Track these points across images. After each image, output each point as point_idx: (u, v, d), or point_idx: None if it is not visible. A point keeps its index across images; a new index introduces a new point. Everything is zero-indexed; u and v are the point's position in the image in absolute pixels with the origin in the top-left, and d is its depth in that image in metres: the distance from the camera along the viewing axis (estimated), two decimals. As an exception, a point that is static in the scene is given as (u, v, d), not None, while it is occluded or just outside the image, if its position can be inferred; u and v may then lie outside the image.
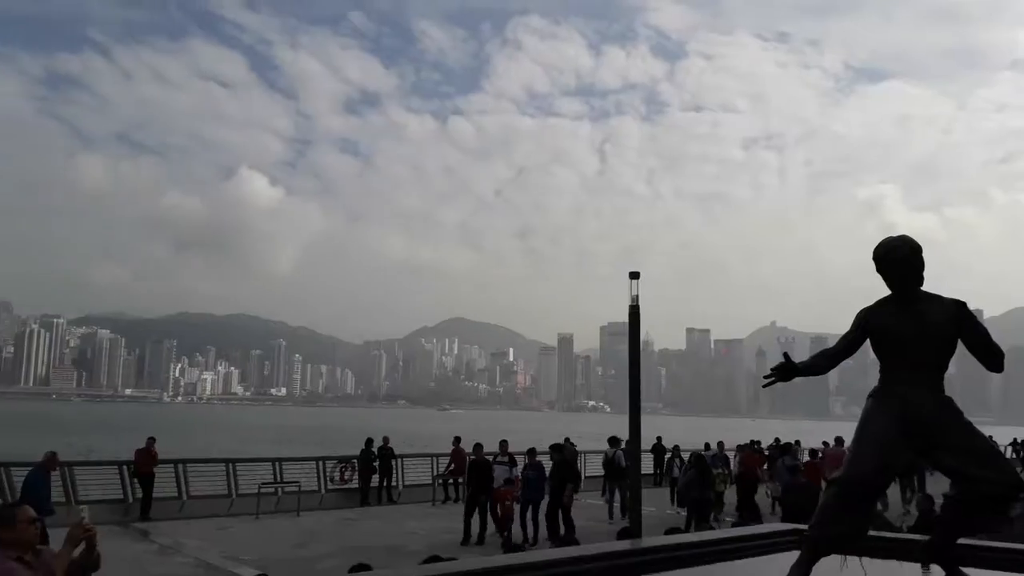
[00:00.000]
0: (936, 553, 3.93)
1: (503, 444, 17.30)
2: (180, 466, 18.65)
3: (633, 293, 11.52)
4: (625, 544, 6.33)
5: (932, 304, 3.88)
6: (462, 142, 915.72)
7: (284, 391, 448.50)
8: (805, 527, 4.12)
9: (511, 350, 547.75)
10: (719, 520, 17.23)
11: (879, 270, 3.98)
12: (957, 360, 3.91)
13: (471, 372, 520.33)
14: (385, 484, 21.29)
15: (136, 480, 17.52)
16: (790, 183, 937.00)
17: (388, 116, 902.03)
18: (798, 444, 23.32)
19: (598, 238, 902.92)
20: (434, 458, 22.91)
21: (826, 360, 4.04)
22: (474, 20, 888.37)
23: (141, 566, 12.22)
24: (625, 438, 15.39)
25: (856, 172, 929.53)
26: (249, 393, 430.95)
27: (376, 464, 21.18)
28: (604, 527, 16.38)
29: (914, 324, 3.83)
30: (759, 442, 24.68)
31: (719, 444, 22.50)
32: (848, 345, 4.02)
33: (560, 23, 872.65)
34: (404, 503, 20.91)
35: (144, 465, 17.56)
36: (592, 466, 24.39)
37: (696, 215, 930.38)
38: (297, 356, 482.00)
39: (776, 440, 24.70)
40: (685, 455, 21.93)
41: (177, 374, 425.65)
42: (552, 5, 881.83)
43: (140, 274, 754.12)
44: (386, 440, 21.69)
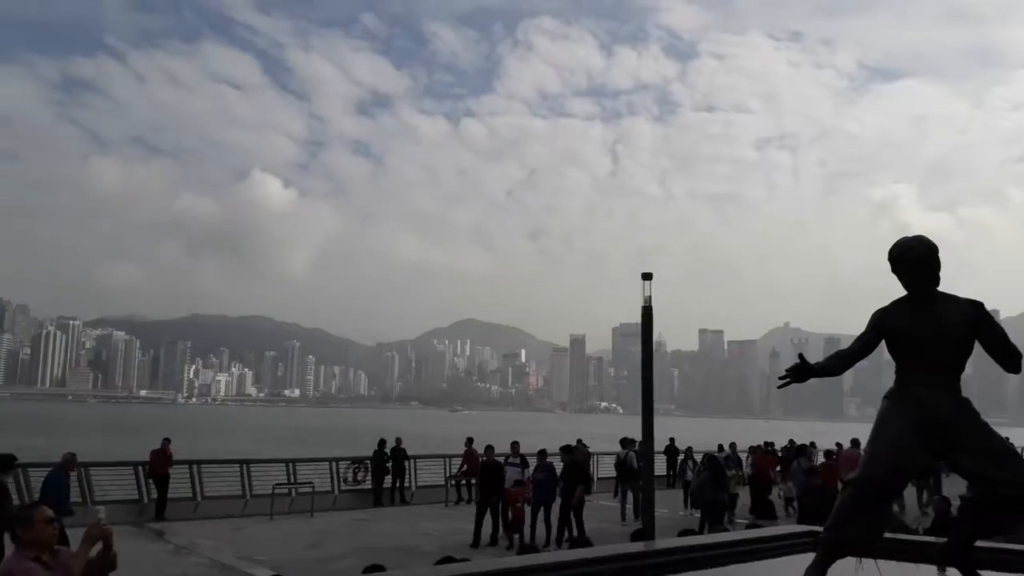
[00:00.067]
0: (953, 556, 3.91)
1: (515, 445, 17.31)
2: (195, 467, 18.81)
3: (646, 294, 11.49)
4: (639, 546, 6.33)
5: (948, 305, 3.86)
6: (474, 143, 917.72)
7: (297, 392, 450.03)
8: (820, 529, 4.11)
9: (523, 351, 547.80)
10: (733, 522, 17.15)
11: (894, 270, 3.96)
12: (973, 361, 3.89)
13: (483, 373, 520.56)
14: (398, 485, 21.37)
15: (151, 481, 17.66)
16: (804, 183, 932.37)
17: (400, 118, 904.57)
18: (813, 446, 23.19)
19: (610, 239, 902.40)
20: (447, 459, 22.99)
21: (841, 361, 4.03)
22: (485, 21, 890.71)
23: (157, 566, 12.31)
24: (638, 439, 15.36)
25: (870, 172, 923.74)
26: (263, 394, 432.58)
27: (389, 465, 21.27)
28: (617, 529, 16.36)
29: (930, 325, 3.81)
30: (772, 443, 24.57)
31: (731, 445, 22.42)
32: (863, 346, 4.01)
33: (571, 24, 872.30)
34: (417, 504, 20.99)
35: (159, 466, 17.69)
36: (605, 467, 24.38)
37: (709, 216, 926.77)
38: (310, 357, 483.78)
39: (790, 442, 24.57)
40: (698, 457, 21.85)
41: (191, 375, 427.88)
42: (563, 6, 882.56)
43: (154, 276, 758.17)
44: (399, 441, 21.78)
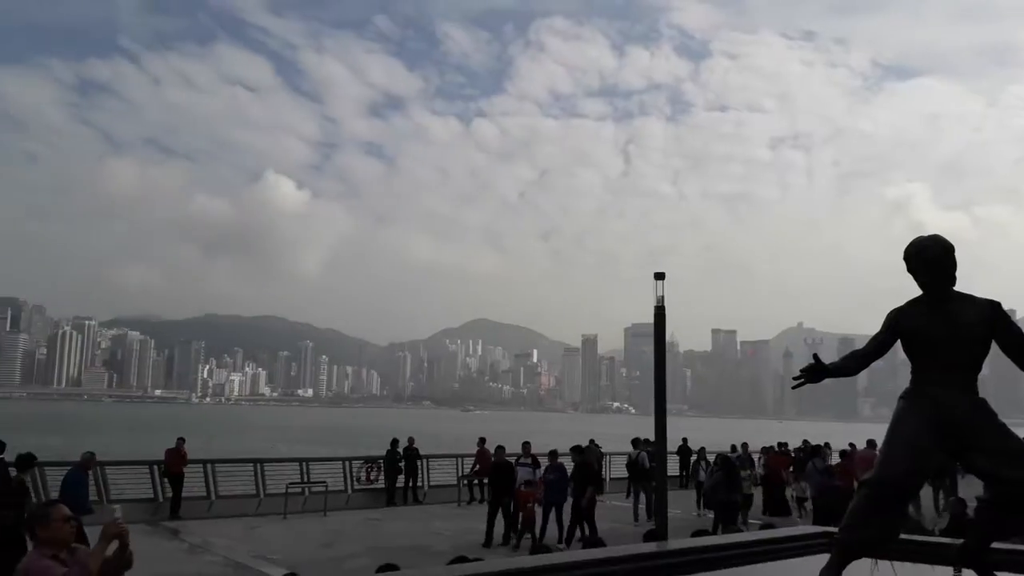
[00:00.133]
0: (969, 557, 3.88)
1: (526, 446, 17.30)
2: (209, 466, 18.89)
3: (658, 294, 11.44)
4: (652, 546, 6.31)
5: (965, 304, 3.83)
6: (486, 144, 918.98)
7: (311, 392, 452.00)
8: (835, 529, 4.09)
9: (535, 351, 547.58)
10: (746, 523, 17.08)
11: (910, 270, 3.93)
12: (990, 361, 3.86)
13: (495, 373, 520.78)
14: (411, 484, 21.41)
15: (166, 480, 17.76)
16: (817, 183, 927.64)
17: (412, 119, 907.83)
18: (827, 446, 23.03)
19: (622, 239, 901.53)
20: (459, 459, 23.02)
21: (856, 361, 4.00)
22: (497, 22, 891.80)
23: (172, 565, 12.38)
24: (650, 439, 15.31)
25: (884, 171, 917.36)
26: (276, 394, 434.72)
27: (402, 464, 21.31)
28: (630, 529, 16.31)
29: (946, 325, 3.78)
30: (786, 444, 24.43)
31: (743, 446, 22.31)
32: (879, 346, 3.98)
33: (583, 24, 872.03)
34: (429, 503, 21.03)
35: (174, 465, 17.79)
36: (617, 468, 24.32)
37: (722, 216, 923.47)
38: (323, 357, 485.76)
39: (805, 442, 24.41)
40: (711, 457, 21.75)
41: (205, 375, 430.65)
42: (575, 6, 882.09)
43: (169, 276, 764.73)
44: (411, 441, 21.82)
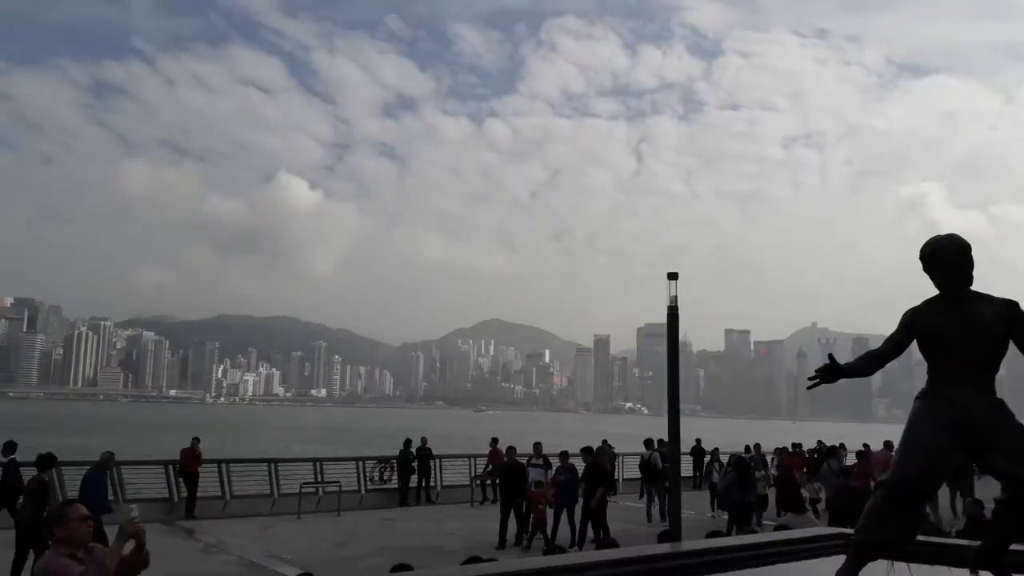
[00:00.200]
0: (987, 559, 3.85)
1: (537, 446, 17.28)
2: (223, 466, 18.99)
3: (671, 294, 11.39)
4: (666, 547, 6.30)
5: (982, 304, 3.80)
6: (498, 144, 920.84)
7: (324, 392, 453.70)
8: (851, 531, 4.07)
9: (547, 351, 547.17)
10: (761, 524, 16.99)
11: (926, 269, 3.90)
12: (1007, 361, 3.83)
13: (507, 373, 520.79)
14: (424, 484, 21.46)
15: (181, 479, 17.88)
16: (831, 181, 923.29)
17: (424, 119, 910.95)
18: (842, 447, 22.89)
19: (634, 239, 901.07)
20: (472, 459, 23.04)
21: (872, 361, 3.98)
22: (509, 22, 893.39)
23: (187, 564, 12.47)
24: (665, 440, 15.25)
25: (898, 170, 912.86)
26: (290, 394, 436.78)
27: (415, 464, 21.36)
28: (643, 530, 16.28)
29: (962, 325, 3.75)
30: (800, 445, 24.31)
31: (756, 446, 22.22)
32: (894, 346, 3.95)
33: (595, 23, 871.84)
34: (442, 503, 21.08)
35: (189, 464, 17.91)
36: (630, 469, 24.27)
37: (735, 215, 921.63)
38: (337, 357, 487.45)
39: (820, 443, 24.27)
40: (725, 458, 21.67)
41: (219, 375, 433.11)
42: (587, 6, 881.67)
43: (183, 277, 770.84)
44: (424, 441, 21.87)
